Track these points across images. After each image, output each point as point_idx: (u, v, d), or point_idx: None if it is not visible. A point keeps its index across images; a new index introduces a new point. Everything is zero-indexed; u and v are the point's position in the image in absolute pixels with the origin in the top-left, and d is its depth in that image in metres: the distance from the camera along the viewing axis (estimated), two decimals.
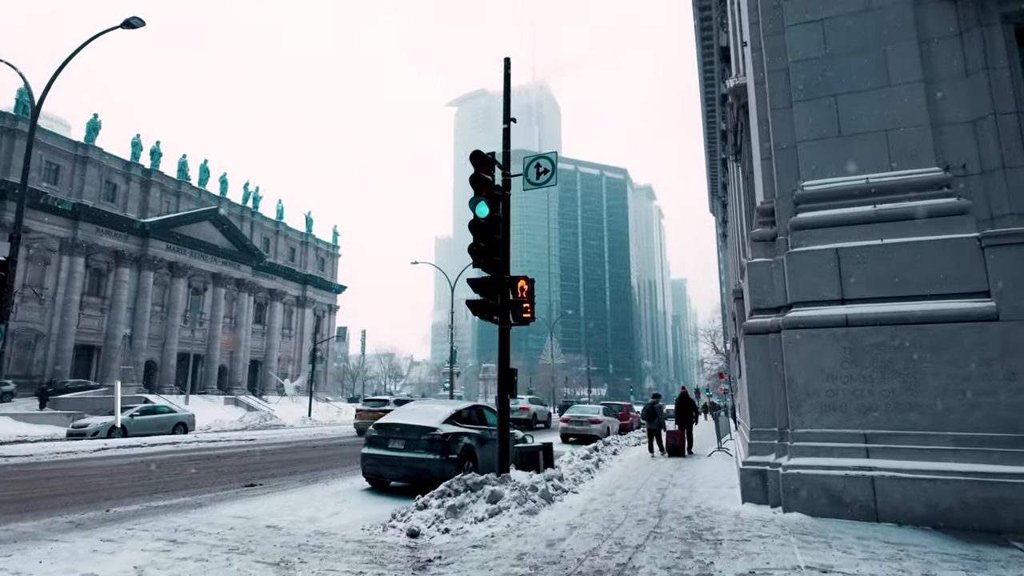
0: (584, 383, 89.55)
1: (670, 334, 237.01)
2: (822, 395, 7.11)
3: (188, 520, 7.35)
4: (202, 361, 58.83)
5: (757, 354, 7.83)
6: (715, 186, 44.42)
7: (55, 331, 46.48)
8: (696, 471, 12.15)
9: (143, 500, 8.68)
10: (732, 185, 20.64)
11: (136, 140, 53.97)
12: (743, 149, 12.01)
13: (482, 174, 8.65)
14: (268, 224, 69.13)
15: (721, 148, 33.97)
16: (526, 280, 9.01)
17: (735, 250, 24.99)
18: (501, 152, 9.50)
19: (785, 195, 8.14)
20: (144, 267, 52.92)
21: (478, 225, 8.54)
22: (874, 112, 7.80)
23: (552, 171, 9.41)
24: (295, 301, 72.91)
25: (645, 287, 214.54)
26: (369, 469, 10.22)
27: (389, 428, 10.29)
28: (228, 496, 9.27)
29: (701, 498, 8.58)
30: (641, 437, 21.19)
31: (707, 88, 35.02)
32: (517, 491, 7.68)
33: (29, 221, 44.27)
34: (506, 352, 9.10)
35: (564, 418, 22.41)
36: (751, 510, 7.28)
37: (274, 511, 8.16)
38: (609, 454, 15.13)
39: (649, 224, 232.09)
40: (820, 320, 7.25)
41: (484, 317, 8.67)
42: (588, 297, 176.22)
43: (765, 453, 7.55)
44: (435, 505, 7.46)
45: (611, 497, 8.84)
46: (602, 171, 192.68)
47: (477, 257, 8.55)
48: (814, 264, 7.50)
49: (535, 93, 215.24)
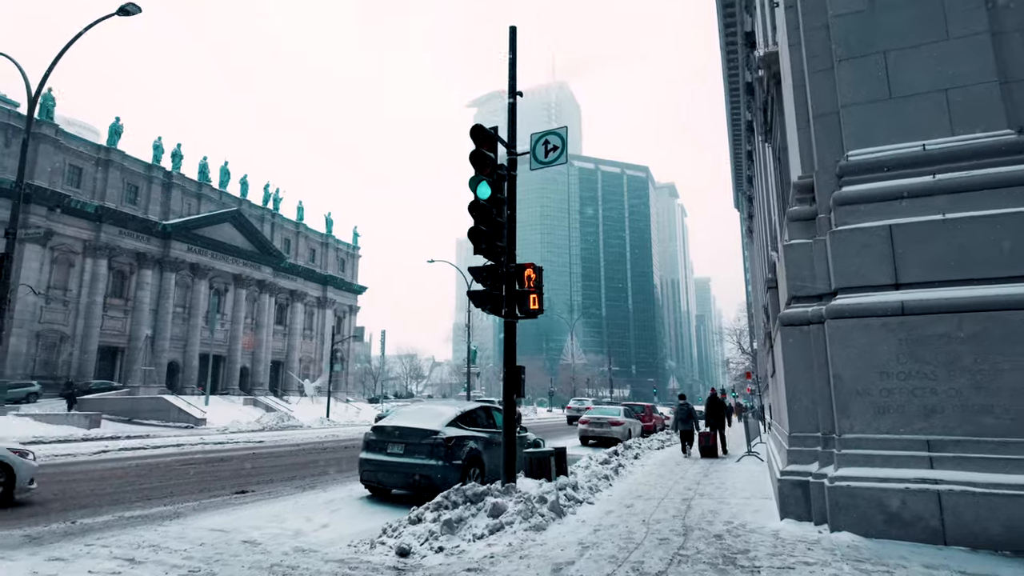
0: (606, 384, 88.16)
1: (694, 334, 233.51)
2: (875, 395, 6.11)
3: (158, 534, 6.65)
4: (224, 362, 59.11)
5: (796, 348, 6.86)
6: (740, 180, 43.03)
7: (79, 332, 46.94)
8: (725, 478, 11.15)
9: (120, 509, 8.02)
10: (759, 172, 19.51)
11: (157, 143, 54.39)
12: (774, 126, 10.99)
13: (483, 151, 7.82)
14: (288, 225, 69.30)
15: (746, 140, 32.71)
16: (533, 268, 8.15)
17: (763, 242, 23.76)
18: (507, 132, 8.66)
19: (826, 167, 7.15)
20: (166, 269, 53.26)
21: (479, 207, 7.71)
22: (930, 69, 6.78)
23: (562, 148, 8.53)
24: (316, 302, 72.99)
25: (668, 286, 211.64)
26: (367, 476, 9.45)
27: (388, 431, 9.51)
28: (213, 505, 8.58)
29: (732, 511, 7.61)
30: (665, 440, 20.16)
31: (731, 78, 33.79)
32: (523, 503, 6.82)
33: (52, 224, 44.83)
34: (512, 348, 8.25)
35: (583, 420, 21.46)
36: (792, 528, 6.31)
37: (258, 522, 7.43)
38: (630, 458, 14.18)
39: (672, 222, 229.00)
40: (871, 308, 6.26)
41: (487, 309, 7.84)
42: (610, 297, 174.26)
43: (807, 461, 6.57)
44: (430, 519, 6.64)
45: (630, 509, 7.92)
46: (623, 169, 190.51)
47: (478, 242, 7.71)
48: (863, 244, 6.51)
49: (554, 92, 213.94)
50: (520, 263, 8.18)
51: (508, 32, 8.75)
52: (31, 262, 43.44)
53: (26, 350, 42.89)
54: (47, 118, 45.29)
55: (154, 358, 51.88)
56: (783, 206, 10.71)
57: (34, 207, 43.43)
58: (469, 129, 7.79)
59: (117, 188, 49.80)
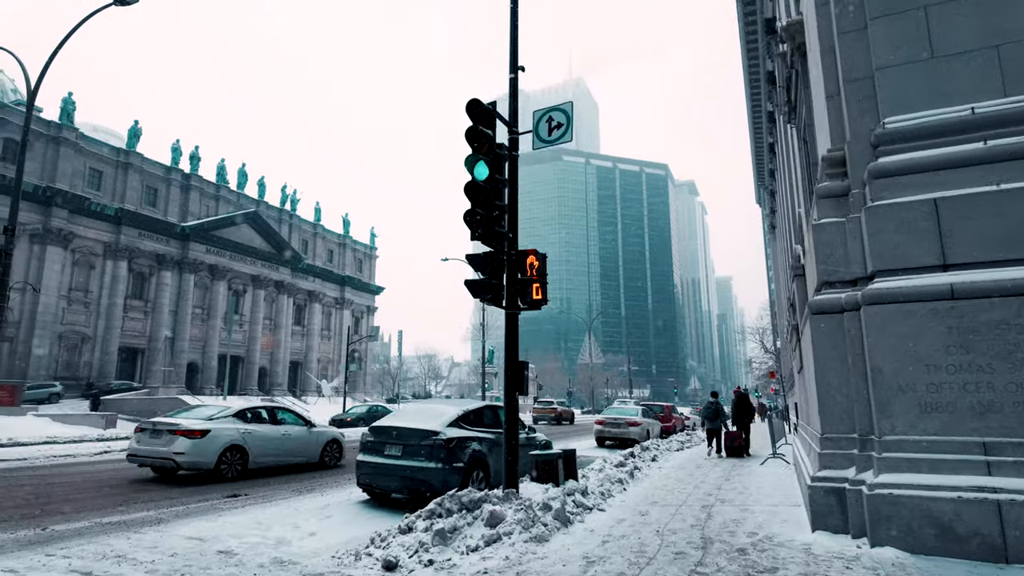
0: (626, 384, 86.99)
1: (716, 333, 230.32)
2: (920, 390, 5.37)
3: (130, 543, 6.17)
4: (242, 362, 59.40)
5: (828, 339, 6.13)
6: (761, 175, 41.83)
7: (100, 334, 47.43)
8: (749, 483, 10.39)
9: (101, 514, 7.58)
10: (782, 160, 18.61)
11: (176, 145, 54.83)
12: (798, 103, 10.20)
13: (480, 128, 7.21)
14: (306, 226, 69.50)
15: (768, 132, 31.66)
16: (536, 255, 7.52)
17: (786, 235, 22.79)
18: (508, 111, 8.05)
19: (860, 137, 6.41)
20: (185, 270, 53.65)
21: (475, 188, 7.10)
22: (979, 24, 6.01)
23: (567, 125, 7.89)
24: (334, 302, 73.16)
25: (689, 285, 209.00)
26: (363, 479, 8.91)
27: (386, 432, 8.96)
28: (201, 510, 8.10)
29: (757, 521, 6.90)
30: (684, 441, 19.37)
31: (751, 69, 32.78)
32: (523, 511, 6.19)
33: (74, 226, 45.36)
34: (514, 342, 7.63)
35: (599, 420, 20.74)
36: (826, 541, 5.59)
37: (241, 530, 6.93)
38: (647, 460, 13.47)
39: (692, 221, 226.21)
40: (915, 292, 5.51)
41: (486, 300, 7.24)
42: (629, 296, 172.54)
43: (842, 466, 5.85)
44: (421, 528, 6.05)
45: (644, 517, 7.25)
46: (642, 167, 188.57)
47: (475, 226, 7.11)
48: (903, 220, 5.76)
49: (571, 90, 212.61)
50: (522, 249, 7.56)
51: (509, 1, 8.14)
52: (53, 264, 43.97)
53: (48, 351, 43.39)
54: (68, 122, 45.82)
55: (174, 359, 52.28)
56: (809, 187, 9.96)
57: (56, 210, 43.96)
58: (465, 104, 7.19)
59: (136, 190, 50.27)
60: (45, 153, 44.28)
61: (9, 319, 42.06)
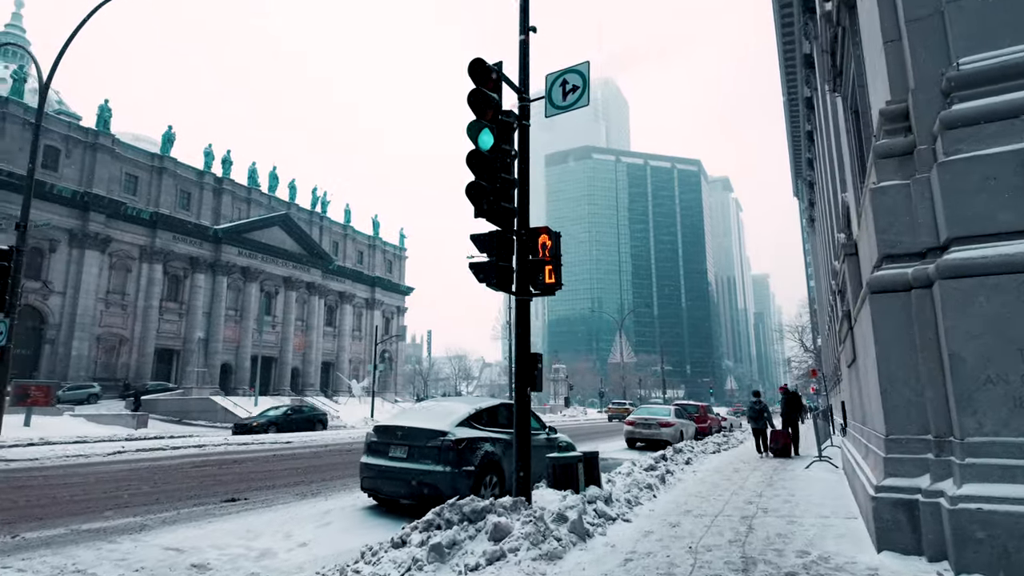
0: (659, 384, 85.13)
1: (752, 332, 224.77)
2: (1014, 382, 4.38)
3: (98, 554, 5.60)
4: (275, 363, 59.99)
5: (892, 322, 5.16)
6: (799, 166, 40.08)
7: (137, 335, 48.35)
8: (794, 489, 9.36)
9: (83, 520, 7.07)
10: (821, 141, 17.31)
11: (208, 149, 55.69)
12: (845, 66, 9.14)
13: (485, 91, 6.44)
14: (336, 228, 69.94)
15: (805, 119, 30.20)
16: (548, 233, 6.70)
17: (827, 226, 21.39)
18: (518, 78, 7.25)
19: (926, 84, 5.42)
20: (218, 272, 54.38)
21: (479, 158, 6.33)
22: None
23: (583, 88, 7.05)
24: (364, 303, 73.48)
25: (724, 283, 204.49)
26: (367, 483, 8.23)
27: (391, 432, 8.26)
28: (193, 515, 7.54)
29: (808, 536, 5.94)
30: (721, 443, 18.25)
31: (787, 53, 31.24)
32: (532, 524, 5.39)
33: (111, 230, 46.35)
34: (525, 332, 6.83)
35: (629, 420, 19.74)
36: (895, 565, 4.64)
37: (227, 538, 6.31)
38: (680, 464, 12.49)
39: (726, 217, 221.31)
40: (1004, 262, 4.52)
41: (493, 284, 6.45)
42: (662, 295, 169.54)
43: (912, 473, 4.88)
44: (416, 542, 5.31)
45: (675, 530, 6.36)
46: (673, 163, 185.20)
47: (478, 201, 6.33)
48: (985, 177, 4.77)
49: (601, 89, 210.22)
50: (533, 227, 6.75)
51: None
52: (91, 267, 44.98)
53: (88, 353, 44.37)
54: (104, 129, 46.86)
55: (208, 360, 53.01)
56: (860, 161, 8.94)
57: (93, 214, 44.95)
58: (468, 65, 6.43)
59: (171, 195, 51.14)
60: (83, 159, 45.36)
61: (50, 322, 43.23)
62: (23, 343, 41.99)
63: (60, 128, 44.42)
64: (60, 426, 25.76)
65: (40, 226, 39.76)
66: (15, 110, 41.55)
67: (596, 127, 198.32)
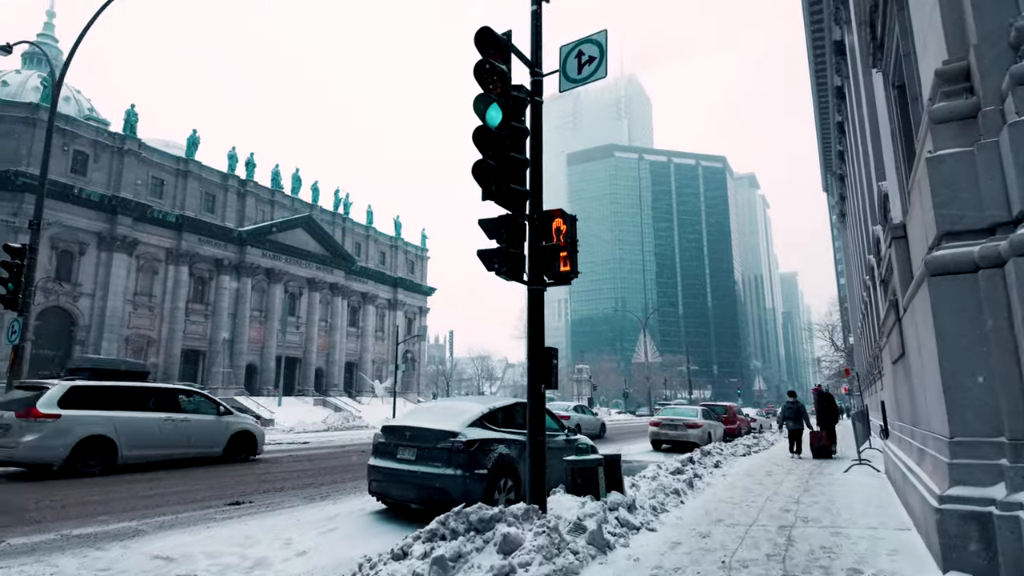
0: (685, 385, 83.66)
1: (781, 332, 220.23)
2: None
3: (82, 563, 5.25)
4: (299, 364, 60.38)
5: (955, 308, 4.52)
6: (828, 159, 38.93)
7: (164, 336, 49.03)
8: (834, 495, 8.66)
9: (76, 523, 6.77)
10: (855, 128, 16.41)
11: (232, 152, 56.30)
12: (887, 33, 8.41)
13: (493, 63, 5.93)
14: (359, 229, 70.20)
15: (835, 110, 29.14)
16: (563, 217, 6.17)
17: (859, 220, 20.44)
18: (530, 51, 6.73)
19: (991, 37, 4.76)
20: (243, 274, 54.91)
21: (486, 135, 5.83)
22: None
23: (600, 59, 6.50)
24: (387, 304, 73.65)
25: (751, 282, 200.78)
26: (375, 486, 7.80)
27: (399, 432, 7.81)
28: (192, 520, 7.18)
29: (857, 551, 5.30)
30: (751, 444, 17.47)
31: (815, 42, 30.31)
32: (545, 535, 4.86)
33: (138, 233, 47.08)
34: (539, 325, 6.30)
35: (654, 421, 19.05)
36: None
37: (222, 546, 5.92)
38: (709, 467, 11.83)
39: (753, 215, 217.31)
40: None
41: (503, 273, 5.94)
42: (687, 294, 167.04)
43: (983, 482, 4.23)
44: (418, 554, 4.82)
45: (705, 541, 5.78)
46: (698, 160, 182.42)
47: (486, 182, 5.83)
48: None
49: (623, 86, 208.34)
50: (546, 210, 6.23)
51: None
52: (119, 270, 45.72)
53: (116, 354, 45.05)
54: (131, 133, 47.61)
55: (233, 360, 53.54)
56: (904, 141, 8.25)
57: (121, 217, 45.70)
58: (474, 34, 5.93)
59: (196, 197, 51.79)
60: (111, 164, 46.14)
61: (80, 323, 44.03)
62: (54, 344, 42.90)
63: (88, 133, 45.24)
64: None
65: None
66: (45, 116, 42.33)
67: (619, 125, 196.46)
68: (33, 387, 10.58)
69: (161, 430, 11.71)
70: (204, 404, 13.01)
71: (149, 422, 11.56)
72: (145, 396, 11.95)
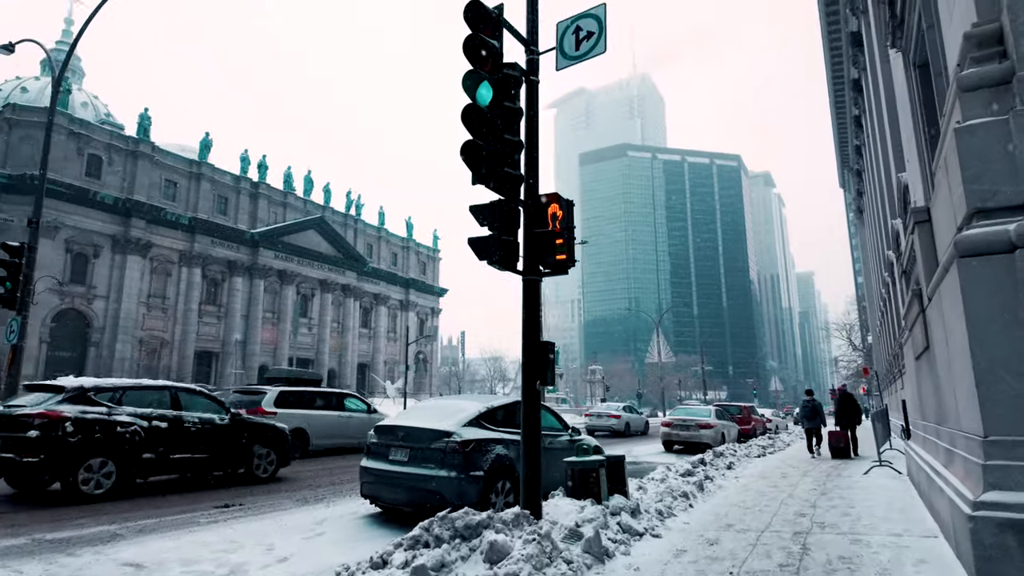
0: (700, 385, 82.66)
1: (797, 332, 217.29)
2: None
3: (48, 569, 5.00)
4: (311, 365, 60.44)
5: (989, 292, 4.08)
6: (845, 154, 38.11)
7: (177, 338, 49.32)
8: (853, 499, 8.18)
9: (52, 527, 6.51)
10: (872, 118, 15.85)
11: (244, 155, 56.54)
12: (908, 8, 7.93)
13: (483, 37, 5.57)
14: (370, 230, 70.27)
15: (852, 103, 28.42)
16: (559, 202, 5.79)
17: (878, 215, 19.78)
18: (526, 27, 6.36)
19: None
20: (255, 275, 55.12)
21: (475, 114, 5.46)
22: None
23: (599, 33, 6.11)
24: (399, 305, 73.64)
25: (767, 282, 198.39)
26: (367, 489, 7.47)
27: (392, 432, 7.48)
28: (173, 523, 6.90)
29: (879, 562, 4.86)
30: (766, 446, 16.95)
31: (831, 34, 29.62)
32: (536, 542, 4.48)
33: (151, 236, 47.39)
34: (535, 318, 5.92)
35: (666, 422, 18.56)
36: None
37: (200, 551, 5.62)
38: (721, 469, 11.36)
39: (768, 213, 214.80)
40: None
41: (495, 262, 5.58)
42: (702, 294, 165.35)
43: (1023, 485, 3.78)
44: (398, 562, 4.47)
45: (713, 549, 5.36)
46: (712, 159, 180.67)
47: (476, 164, 5.46)
48: None
49: (636, 85, 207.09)
50: (541, 194, 5.86)
51: None
52: (133, 272, 46.05)
53: (130, 355, 45.41)
54: (144, 137, 47.97)
55: (246, 362, 53.74)
56: (924, 121, 7.77)
57: (134, 220, 46.04)
58: (464, 7, 5.57)
59: (208, 200, 52.08)
60: (124, 167, 46.53)
61: (95, 325, 44.40)
62: (69, 346, 43.31)
63: (102, 137, 45.66)
64: None
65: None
66: (60, 120, 42.73)
67: (631, 124, 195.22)
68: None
69: (334, 424, 14.68)
70: (360, 404, 15.97)
71: (327, 418, 14.59)
72: (323, 398, 15.10)
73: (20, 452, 7.58)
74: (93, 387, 8.60)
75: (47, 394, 8.35)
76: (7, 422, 7.94)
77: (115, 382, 9.11)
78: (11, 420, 7.91)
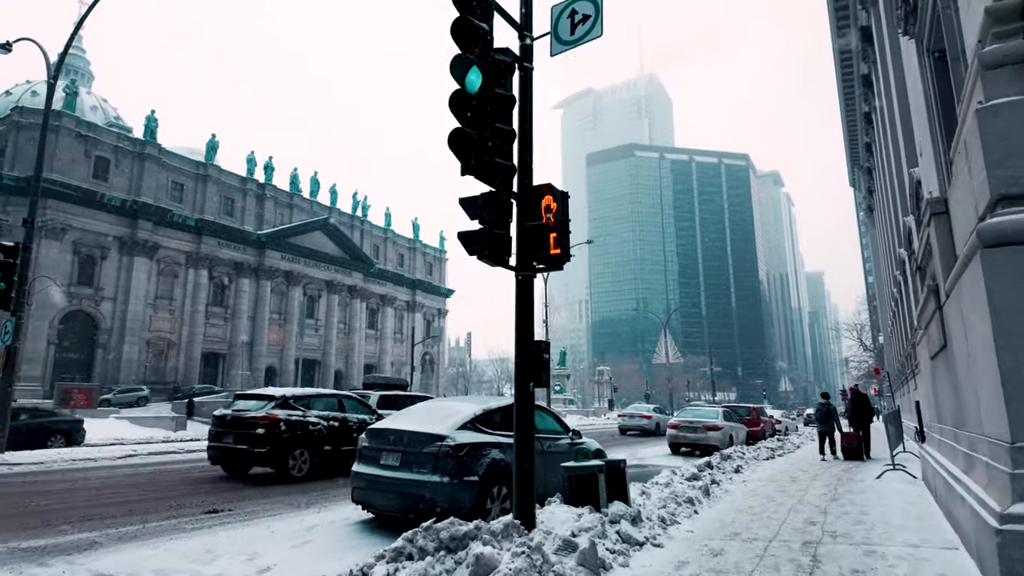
0: (709, 387, 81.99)
1: (807, 332, 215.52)
2: None
3: None
4: (318, 366, 60.45)
5: (1015, 283, 3.75)
6: (855, 152, 37.58)
7: (184, 340, 49.37)
8: (867, 505, 7.82)
9: (32, 534, 6.30)
10: (883, 114, 15.45)
11: (251, 156, 56.58)
12: None
13: (471, 20, 5.29)
14: (377, 232, 70.20)
15: (862, 100, 27.96)
16: (553, 194, 5.50)
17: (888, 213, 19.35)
18: None
19: None
20: (262, 277, 55.12)
21: (463, 101, 5.18)
22: None
23: (595, 17, 5.82)
24: (405, 306, 73.51)
25: (776, 281, 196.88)
26: (358, 494, 7.20)
27: (383, 436, 7.21)
28: (156, 530, 6.67)
29: (896, 575, 4.52)
30: (775, 448, 16.55)
31: (840, 28, 29.16)
32: (525, 556, 4.19)
33: (158, 237, 47.46)
34: (528, 317, 5.64)
35: (673, 423, 18.19)
36: None
37: (178, 561, 5.39)
38: (728, 472, 11.02)
39: (777, 213, 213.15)
40: None
41: (485, 257, 5.29)
42: (710, 295, 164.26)
43: None
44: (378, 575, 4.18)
45: (717, 560, 5.05)
46: (720, 159, 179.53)
47: (465, 154, 5.18)
48: None
49: (643, 85, 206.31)
50: (535, 185, 5.57)
51: None
52: (140, 273, 46.12)
53: (137, 357, 45.48)
54: (151, 139, 48.07)
55: (252, 363, 53.75)
56: (939, 111, 7.43)
57: (141, 222, 46.11)
58: None
59: (215, 201, 52.13)
60: (131, 169, 46.63)
61: (102, 327, 44.48)
62: (77, 348, 43.40)
63: (109, 139, 45.79)
64: (99, 428, 25.92)
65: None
66: (68, 123, 42.93)
67: (639, 124, 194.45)
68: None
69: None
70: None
71: None
72: (411, 400, 15.46)
73: (252, 444, 10.20)
74: (292, 396, 11.18)
75: (262, 401, 10.91)
76: (240, 422, 10.45)
77: (304, 391, 11.71)
78: (243, 420, 10.43)
